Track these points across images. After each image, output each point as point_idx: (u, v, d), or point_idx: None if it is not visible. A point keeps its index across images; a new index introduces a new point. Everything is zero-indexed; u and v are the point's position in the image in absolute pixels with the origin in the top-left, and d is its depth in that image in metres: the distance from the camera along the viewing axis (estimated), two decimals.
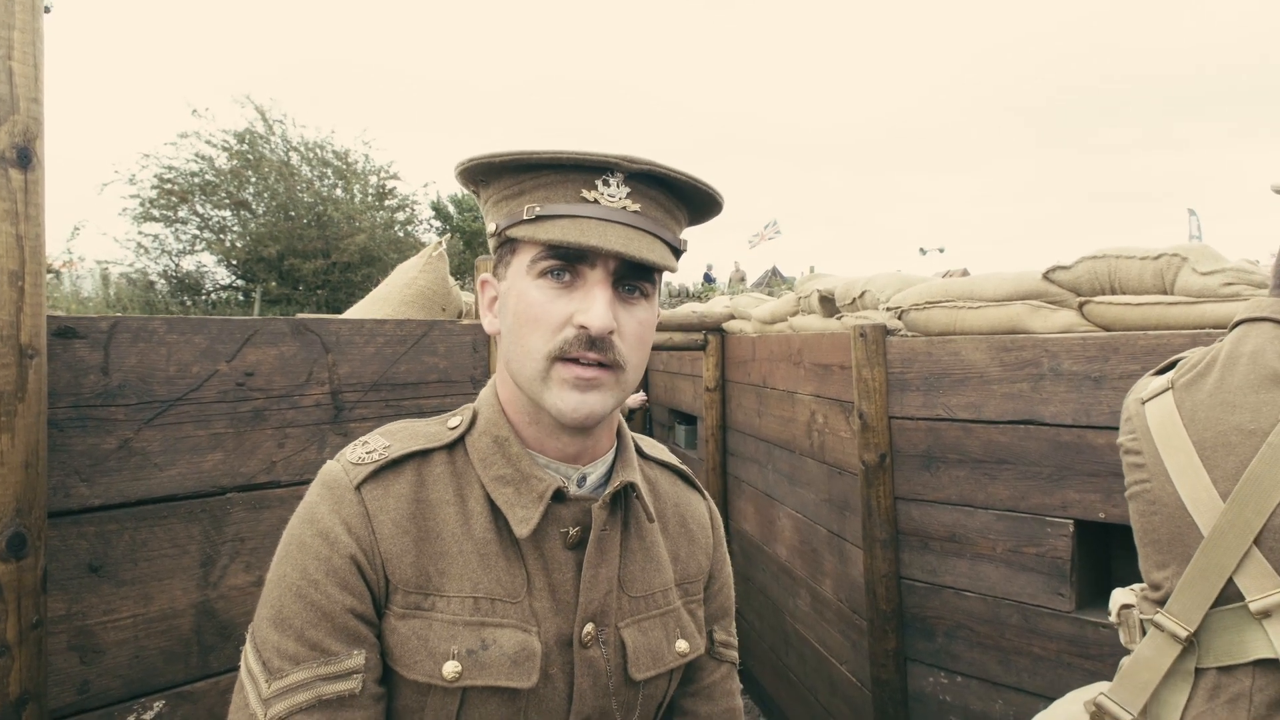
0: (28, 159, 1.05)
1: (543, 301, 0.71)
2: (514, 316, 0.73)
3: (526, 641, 0.72)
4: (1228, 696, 0.83)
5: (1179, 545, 0.89)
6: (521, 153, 0.70)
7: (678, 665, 0.83)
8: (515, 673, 0.71)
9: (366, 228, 9.74)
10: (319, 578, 0.69)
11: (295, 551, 0.71)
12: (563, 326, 0.70)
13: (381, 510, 0.73)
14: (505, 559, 0.75)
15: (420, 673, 0.69)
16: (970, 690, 2.09)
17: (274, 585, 0.71)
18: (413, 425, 0.82)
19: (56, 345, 1.15)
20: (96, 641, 1.17)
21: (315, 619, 0.68)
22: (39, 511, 1.06)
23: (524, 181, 0.72)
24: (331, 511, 0.72)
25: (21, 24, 1.05)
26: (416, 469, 0.77)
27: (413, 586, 0.72)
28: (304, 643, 0.68)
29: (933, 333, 2.27)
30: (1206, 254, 1.79)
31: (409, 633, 0.70)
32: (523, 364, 0.73)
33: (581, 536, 0.77)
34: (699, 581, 0.90)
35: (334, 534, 0.70)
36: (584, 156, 0.69)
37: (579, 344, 0.70)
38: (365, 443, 0.78)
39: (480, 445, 0.78)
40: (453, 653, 0.70)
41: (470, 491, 0.77)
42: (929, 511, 2.18)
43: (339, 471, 0.75)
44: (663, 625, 0.83)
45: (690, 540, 0.91)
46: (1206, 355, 0.95)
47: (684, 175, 0.73)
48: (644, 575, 0.83)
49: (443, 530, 0.74)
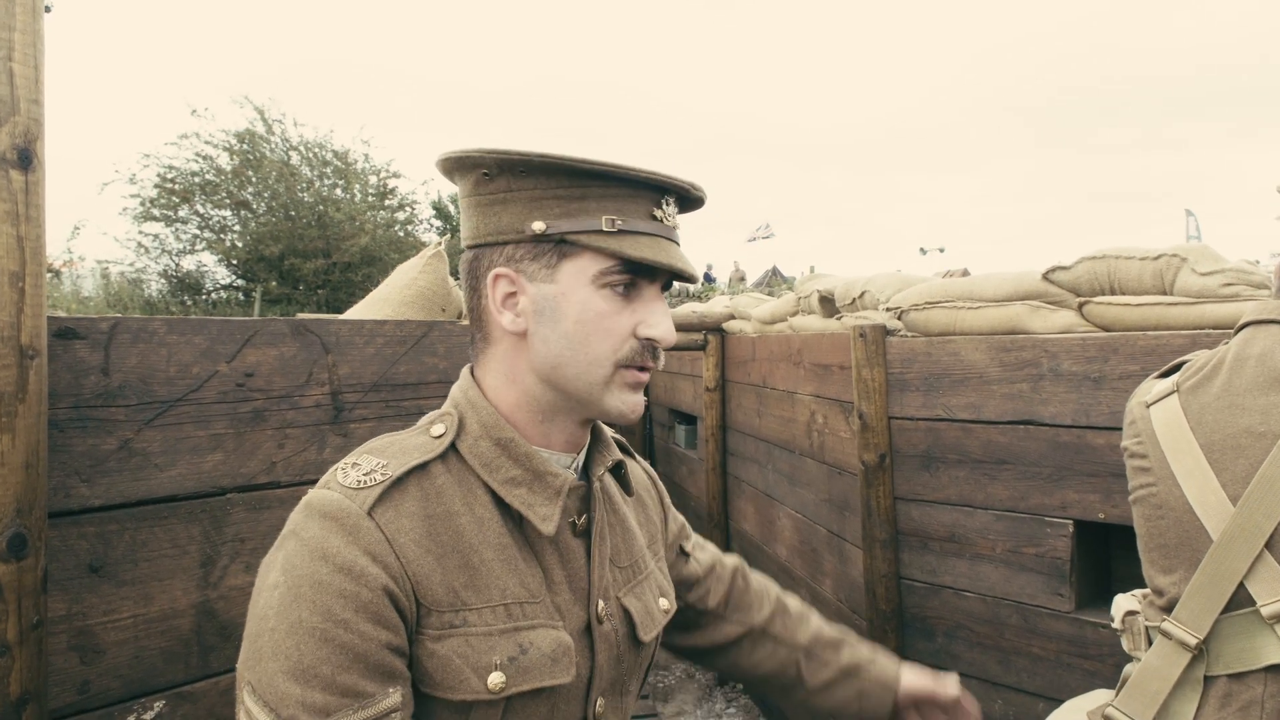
0: (28, 160, 1.05)
1: (610, 313, 0.74)
2: (576, 324, 0.74)
3: (559, 637, 0.74)
4: (1240, 704, 0.81)
5: (1187, 550, 0.87)
6: (597, 162, 0.73)
7: (665, 622, 0.90)
8: (555, 670, 0.72)
9: (369, 229, 9.73)
10: (347, 616, 0.64)
11: (310, 592, 0.64)
12: (629, 337, 0.75)
13: (400, 533, 0.69)
14: (524, 560, 0.75)
15: (466, 691, 0.67)
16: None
17: (286, 634, 0.63)
18: (396, 439, 0.78)
19: (57, 346, 1.15)
20: (97, 642, 1.18)
21: (346, 663, 0.63)
22: (39, 512, 1.06)
23: (589, 188, 0.73)
24: (349, 544, 0.66)
25: (22, 25, 1.05)
26: (419, 484, 0.73)
27: (445, 606, 0.69)
28: (335, 690, 0.62)
29: (932, 333, 2.27)
30: (1206, 254, 1.79)
31: (449, 653, 0.68)
32: (584, 370, 0.75)
33: (586, 522, 0.81)
34: (659, 540, 0.99)
35: (358, 567, 0.65)
36: (654, 177, 0.75)
37: (645, 354, 0.76)
38: (356, 465, 0.73)
39: (480, 449, 0.76)
40: (495, 663, 0.69)
41: (476, 498, 0.75)
42: (928, 512, 2.19)
43: (339, 500, 0.68)
44: (648, 589, 0.89)
45: (643, 505, 0.98)
46: (1212, 358, 0.94)
47: (702, 193, 0.81)
48: (626, 545, 0.88)
49: (459, 543, 0.72)
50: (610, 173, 0.73)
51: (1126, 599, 1.00)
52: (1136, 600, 0.99)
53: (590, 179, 0.73)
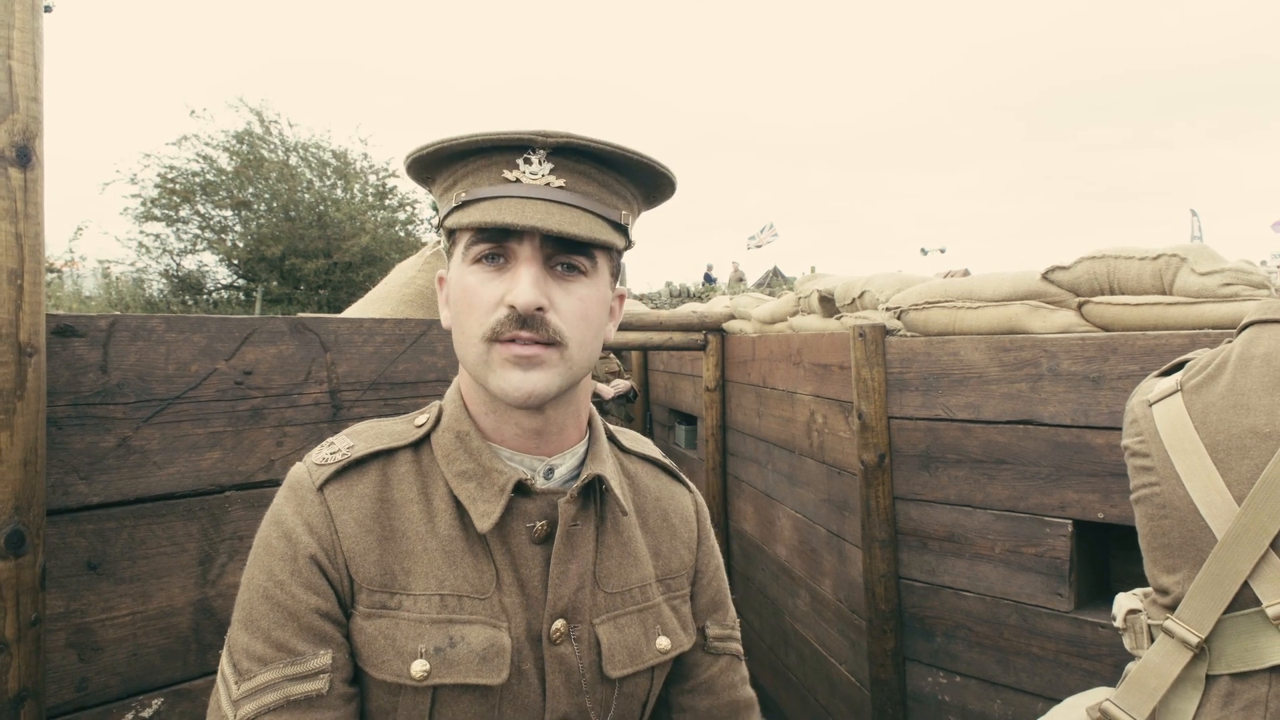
0: (27, 157, 1.05)
1: (476, 285, 0.71)
2: (455, 304, 0.74)
3: (495, 637, 0.72)
4: (1242, 703, 0.81)
5: (1190, 549, 0.87)
6: (445, 141, 0.71)
7: (659, 663, 0.82)
8: (484, 669, 0.70)
9: (369, 228, 9.74)
10: (284, 578, 0.70)
11: (262, 553, 0.72)
12: (495, 308, 0.70)
13: (344, 510, 0.73)
14: (472, 555, 0.74)
15: (389, 672, 0.69)
16: (969, 690, 2.09)
17: (244, 588, 0.72)
18: (380, 425, 0.82)
19: (55, 343, 1.15)
20: (95, 639, 1.18)
21: (281, 619, 0.69)
22: (38, 509, 1.06)
23: (456, 171, 0.73)
24: (295, 512, 0.72)
25: (21, 23, 1.05)
26: (381, 469, 0.77)
27: (377, 585, 0.71)
28: (271, 644, 0.68)
29: (932, 333, 2.27)
30: (1205, 254, 1.79)
31: (375, 632, 0.70)
32: (465, 350, 0.73)
33: (549, 531, 0.76)
34: (683, 576, 0.89)
35: (296, 534, 0.71)
36: (500, 136, 0.69)
37: (511, 323, 0.69)
38: (331, 443, 0.78)
39: (444, 441, 0.78)
40: (420, 651, 0.69)
41: (435, 489, 0.76)
42: (928, 511, 2.19)
43: (303, 473, 0.75)
44: (641, 622, 0.81)
45: (672, 534, 0.89)
46: (1216, 357, 0.93)
47: (610, 146, 0.71)
48: (620, 571, 0.81)
49: (407, 529, 0.74)
50: (459, 147, 0.70)
51: (1128, 597, 1.00)
52: (1138, 599, 0.98)
53: (455, 161, 0.73)
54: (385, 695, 0.70)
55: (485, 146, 0.70)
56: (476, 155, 0.72)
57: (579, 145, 0.71)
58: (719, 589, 0.94)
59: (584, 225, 0.70)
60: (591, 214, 0.73)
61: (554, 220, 0.68)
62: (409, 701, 0.70)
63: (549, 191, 0.70)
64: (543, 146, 0.70)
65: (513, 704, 0.73)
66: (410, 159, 0.74)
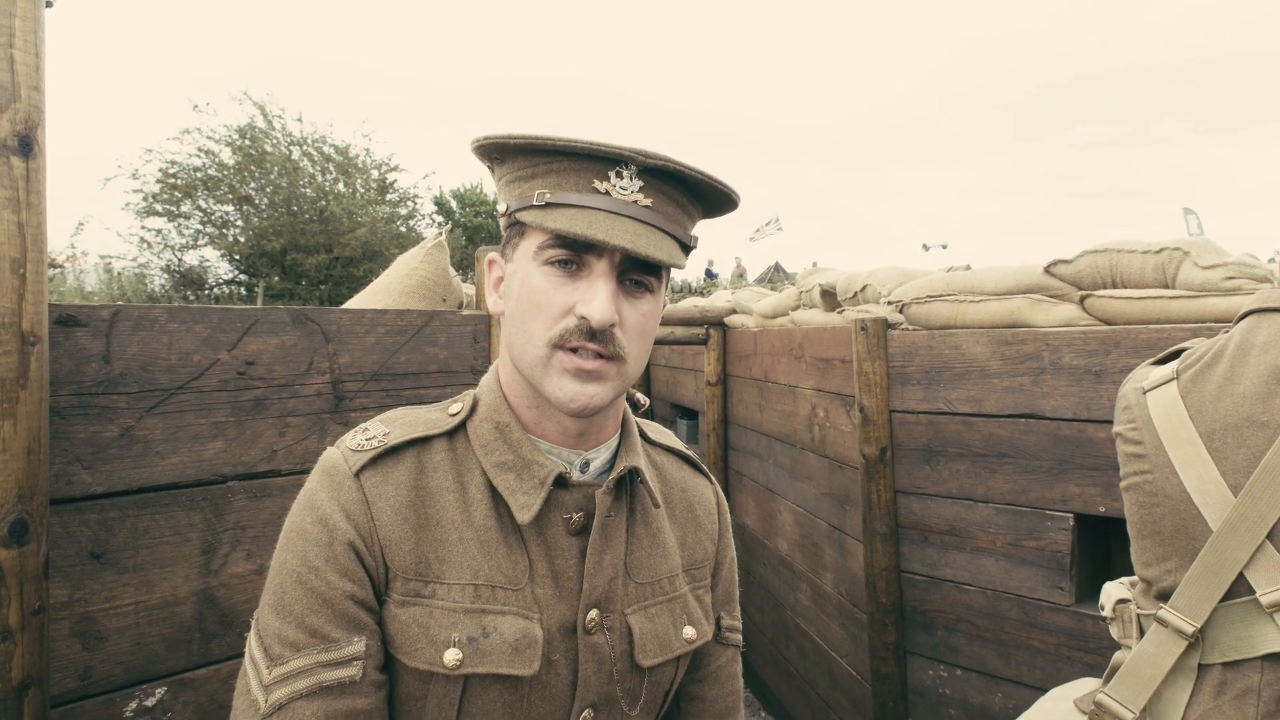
0: (29, 147, 1.05)
1: (546, 289, 0.71)
2: (517, 300, 0.74)
3: (528, 629, 0.72)
4: (1235, 692, 0.81)
5: (1183, 538, 0.86)
6: (536, 137, 0.70)
7: (685, 652, 0.83)
8: (516, 660, 0.71)
9: (367, 222, 9.73)
10: (319, 564, 0.69)
11: (296, 538, 0.71)
12: (564, 315, 0.70)
13: (380, 497, 0.72)
14: (506, 546, 0.75)
15: (422, 660, 0.69)
16: (970, 683, 2.09)
17: (276, 572, 0.71)
18: (414, 412, 0.82)
19: (58, 333, 1.15)
20: (98, 628, 1.18)
21: (315, 605, 0.68)
22: (41, 498, 1.07)
23: (537, 165, 0.72)
24: (330, 498, 0.72)
25: (23, 12, 1.05)
26: (416, 456, 0.76)
27: (412, 574, 0.72)
28: (304, 629, 0.68)
29: (934, 327, 2.27)
30: (1208, 248, 1.79)
31: (409, 620, 0.70)
32: (524, 349, 0.73)
33: (585, 523, 0.77)
34: (705, 567, 0.90)
35: (332, 520, 0.71)
36: (598, 147, 0.69)
37: (579, 334, 0.70)
38: (365, 429, 0.78)
39: (482, 431, 0.78)
40: (454, 640, 0.70)
41: (471, 478, 0.76)
42: (929, 505, 2.19)
43: (338, 458, 0.75)
44: (669, 612, 0.83)
45: (697, 526, 0.91)
46: (1213, 346, 0.92)
47: (700, 173, 0.72)
48: (650, 561, 0.83)
49: (442, 517, 0.74)
50: (547, 146, 0.70)
51: (1116, 586, 1.00)
52: (1126, 588, 0.98)
53: (537, 155, 0.72)
54: (416, 683, 0.71)
55: (579, 152, 0.70)
56: (565, 157, 0.71)
57: (674, 170, 0.71)
58: (733, 581, 0.96)
59: (665, 249, 0.71)
60: (670, 236, 0.73)
61: (641, 242, 0.68)
62: (440, 690, 0.70)
63: (636, 210, 0.71)
64: (636, 164, 0.70)
65: (541, 694, 0.73)
66: (492, 141, 0.73)
